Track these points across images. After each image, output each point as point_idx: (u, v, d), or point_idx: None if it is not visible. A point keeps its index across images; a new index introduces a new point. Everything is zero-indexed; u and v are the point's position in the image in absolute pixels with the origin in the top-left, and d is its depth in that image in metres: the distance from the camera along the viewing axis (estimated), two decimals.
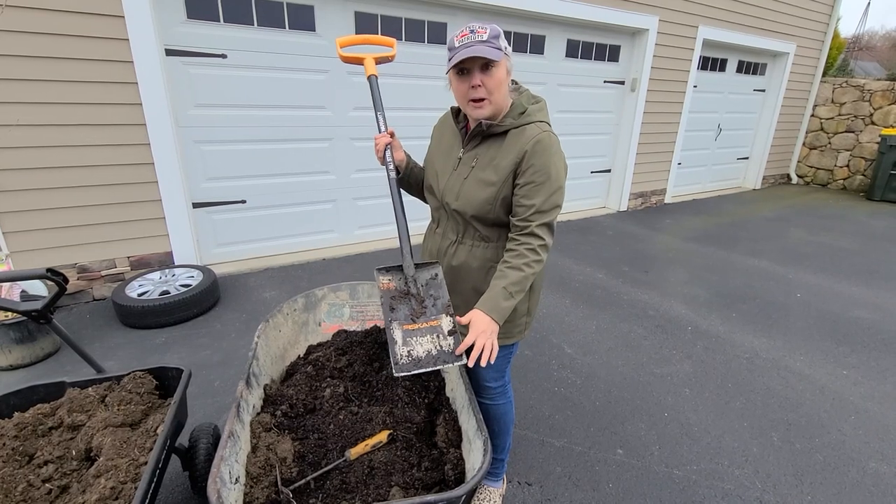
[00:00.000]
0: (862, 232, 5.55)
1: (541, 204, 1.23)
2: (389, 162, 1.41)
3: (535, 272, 1.24)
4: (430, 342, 1.24)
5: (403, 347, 1.22)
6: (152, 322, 2.84)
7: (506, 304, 1.20)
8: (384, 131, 1.43)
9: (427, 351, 1.22)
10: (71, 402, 1.48)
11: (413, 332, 1.26)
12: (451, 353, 1.21)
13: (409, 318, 1.29)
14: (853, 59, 11.02)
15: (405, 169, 1.50)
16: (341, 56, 1.54)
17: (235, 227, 3.81)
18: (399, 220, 1.39)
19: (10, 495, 1.23)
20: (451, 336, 1.24)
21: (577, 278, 3.88)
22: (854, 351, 2.90)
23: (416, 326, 1.27)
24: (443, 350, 1.22)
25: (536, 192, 1.23)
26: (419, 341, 1.23)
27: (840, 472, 1.95)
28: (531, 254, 1.23)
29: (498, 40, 1.19)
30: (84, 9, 2.75)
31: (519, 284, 1.22)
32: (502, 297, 1.20)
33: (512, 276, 1.22)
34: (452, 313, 1.28)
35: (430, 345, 1.23)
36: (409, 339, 1.24)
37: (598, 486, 1.84)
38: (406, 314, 1.29)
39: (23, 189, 2.83)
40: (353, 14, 3.76)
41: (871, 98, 7.47)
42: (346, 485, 1.24)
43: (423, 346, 1.23)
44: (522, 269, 1.22)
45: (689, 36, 5.75)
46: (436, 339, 1.24)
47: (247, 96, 3.54)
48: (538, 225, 1.23)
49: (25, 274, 1.44)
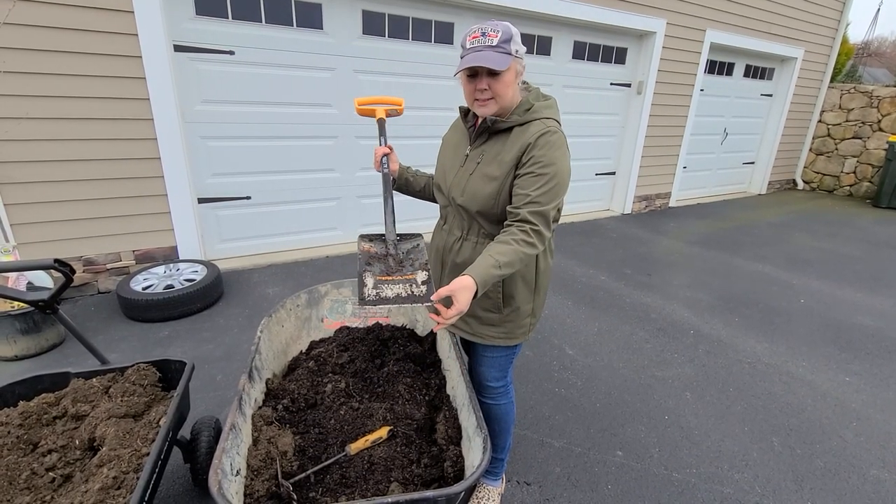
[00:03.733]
0: (867, 239, 5.52)
1: (536, 194, 1.21)
2: (385, 166, 1.50)
3: (524, 252, 1.18)
4: (402, 287, 1.23)
5: (373, 290, 1.22)
6: (156, 315, 2.86)
7: (491, 270, 1.14)
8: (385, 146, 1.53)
9: (396, 293, 1.22)
10: (75, 392, 1.50)
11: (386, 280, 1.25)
12: (421, 296, 1.21)
13: (384, 272, 1.29)
14: (862, 65, 10.95)
15: (399, 179, 1.62)
16: (358, 110, 1.65)
17: (240, 223, 3.83)
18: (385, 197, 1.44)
19: (14, 483, 1.24)
20: (423, 285, 1.23)
21: (580, 280, 3.87)
22: (857, 358, 2.89)
23: (389, 277, 1.27)
24: (413, 294, 1.22)
25: (533, 182, 1.21)
26: (390, 287, 1.23)
27: (841, 479, 1.94)
28: (522, 234, 1.19)
29: (508, 44, 1.19)
30: (94, 4, 2.77)
31: (506, 255, 1.16)
32: (489, 264, 1.15)
33: (499, 248, 1.18)
34: (429, 269, 1.28)
35: (401, 289, 1.23)
36: (381, 284, 1.24)
37: (596, 487, 1.84)
38: (382, 269, 1.30)
39: (30, 181, 2.86)
40: (360, 13, 3.78)
41: (879, 104, 7.43)
42: (345, 479, 1.25)
43: (394, 290, 1.23)
44: (510, 244, 1.18)
45: (696, 39, 5.73)
46: (408, 286, 1.23)
47: (253, 93, 3.55)
48: (531, 212, 1.20)
49: (33, 264, 1.45)
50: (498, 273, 1.15)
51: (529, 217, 1.20)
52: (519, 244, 1.18)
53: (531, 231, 1.20)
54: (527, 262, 1.26)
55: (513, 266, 1.18)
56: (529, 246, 1.19)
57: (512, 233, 1.20)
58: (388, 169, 1.50)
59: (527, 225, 1.20)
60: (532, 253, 1.20)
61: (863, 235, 5.65)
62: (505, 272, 1.17)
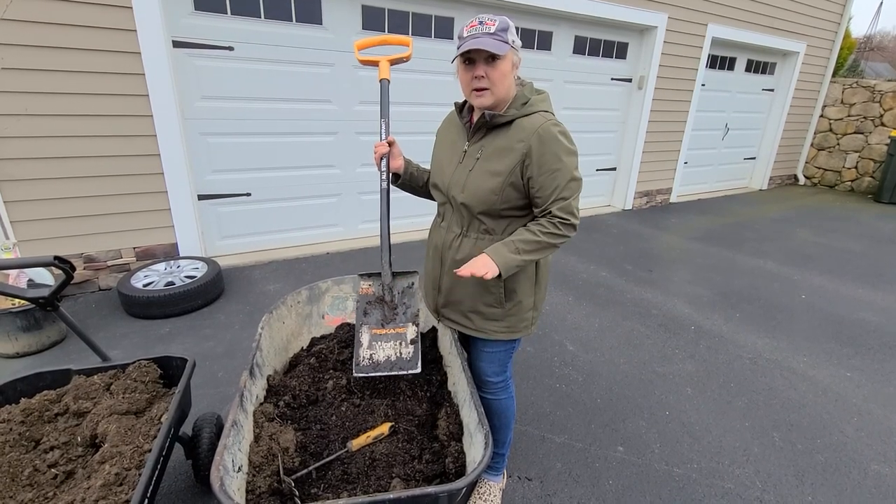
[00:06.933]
0: (869, 234, 5.51)
1: (558, 191, 1.25)
2: (384, 171, 1.48)
3: (551, 242, 1.26)
4: (392, 348, 1.42)
5: (367, 350, 1.41)
6: (157, 312, 2.86)
7: (510, 255, 1.23)
8: (385, 139, 1.49)
9: (387, 356, 1.41)
10: (77, 389, 1.50)
11: (380, 336, 1.44)
12: (408, 360, 1.39)
13: (379, 322, 1.47)
14: (864, 59, 10.89)
15: (404, 174, 1.57)
16: (359, 59, 1.62)
17: (240, 220, 3.82)
18: (382, 229, 1.50)
19: (16, 479, 1.24)
20: (411, 345, 1.42)
21: (581, 276, 3.87)
22: (858, 353, 2.88)
23: (383, 332, 1.45)
24: (401, 357, 1.41)
25: (552, 181, 1.25)
26: (382, 346, 1.42)
27: (841, 474, 1.94)
28: (549, 225, 1.26)
29: (506, 33, 1.20)
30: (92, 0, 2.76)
31: (528, 244, 1.24)
32: (509, 249, 1.24)
33: (523, 235, 1.26)
34: (418, 323, 1.46)
35: (392, 350, 1.42)
36: (374, 343, 1.42)
37: (597, 482, 1.84)
38: (377, 319, 1.48)
39: (30, 179, 2.85)
40: (360, 8, 3.76)
41: (881, 99, 7.39)
42: (347, 475, 1.25)
43: (385, 351, 1.42)
44: (536, 234, 1.25)
45: (698, 34, 5.69)
46: (398, 346, 1.42)
47: (253, 89, 3.54)
48: (558, 208, 1.26)
49: (33, 261, 1.45)
50: (518, 259, 1.24)
51: (559, 213, 1.26)
52: (546, 236, 1.26)
53: (560, 224, 1.26)
54: (548, 254, 1.31)
55: (533, 255, 1.26)
56: (558, 237, 1.27)
57: (540, 224, 1.27)
58: (386, 182, 1.47)
59: (554, 218, 1.26)
60: (559, 243, 1.28)
61: (864, 231, 5.64)
62: (525, 258, 1.25)
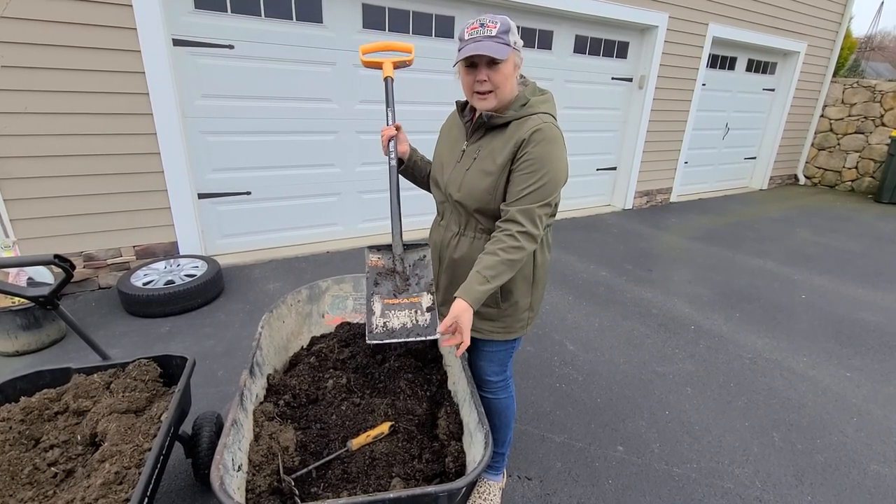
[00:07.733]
0: (869, 234, 5.51)
1: (525, 193, 1.22)
2: (392, 151, 1.46)
3: (512, 258, 1.21)
4: (407, 316, 1.28)
5: (380, 318, 1.27)
6: (157, 311, 2.86)
7: (480, 287, 1.18)
8: (391, 125, 1.49)
9: (402, 324, 1.27)
10: (77, 387, 1.50)
11: (392, 305, 1.30)
12: (426, 327, 1.25)
13: (391, 293, 1.34)
14: (865, 59, 10.88)
15: (408, 161, 1.54)
16: (363, 61, 1.61)
17: (240, 219, 3.82)
18: (392, 203, 1.45)
19: (16, 478, 1.24)
20: (428, 312, 1.29)
21: (581, 276, 3.87)
22: (858, 353, 2.88)
23: (396, 301, 1.32)
24: (418, 324, 1.27)
25: (524, 179, 1.22)
26: (396, 314, 1.29)
27: (841, 474, 1.94)
28: (508, 239, 1.21)
29: (507, 35, 1.20)
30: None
31: (494, 269, 1.20)
32: (476, 282, 1.19)
33: (486, 261, 1.21)
34: (434, 291, 1.33)
35: (407, 318, 1.28)
36: (387, 312, 1.29)
37: (597, 482, 1.84)
38: (389, 289, 1.34)
39: (30, 177, 2.85)
40: (360, 6, 3.75)
41: (881, 99, 7.39)
42: (347, 475, 1.25)
43: (400, 318, 1.28)
44: (497, 254, 1.20)
45: (698, 33, 5.69)
46: (413, 314, 1.29)
47: (253, 88, 3.53)
48: (518, 210, 1.22)
49: (33, 259, 1.45)
50: (488, 287, 1.19)
51: (517, 216, 1.22)
52: (506, 252, 1.20)
53: (518, 234, 1.21)
54: (518, 267, 1.26)
55: (502, 277, 1.22)
56: (517, 251, 1.21)
57: (499, 240, 1.22)
58: (395, 160, 1.45)
59: (514, 227, 1.22)
60: (520, 257, 1.22)
61: (864, 231, 5.64)
62: (495, 285, 1.21)
